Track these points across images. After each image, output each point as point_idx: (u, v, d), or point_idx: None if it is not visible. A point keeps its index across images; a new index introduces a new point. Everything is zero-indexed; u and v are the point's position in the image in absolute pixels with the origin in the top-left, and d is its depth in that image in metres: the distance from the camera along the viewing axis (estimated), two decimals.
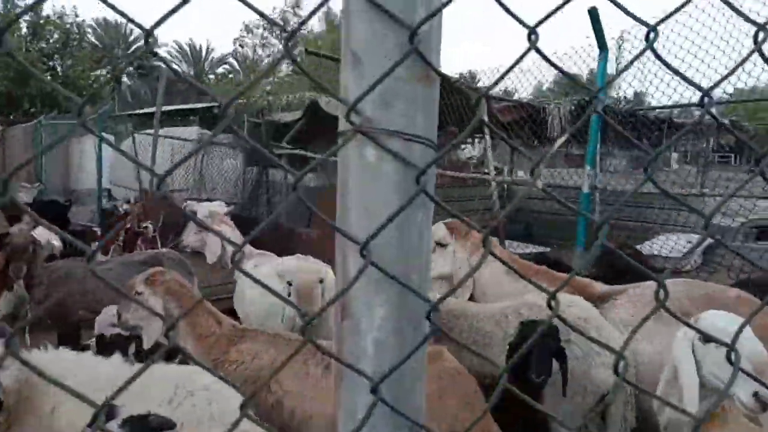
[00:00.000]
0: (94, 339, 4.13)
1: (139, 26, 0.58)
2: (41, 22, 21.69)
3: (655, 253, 7.76)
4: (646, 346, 3.50)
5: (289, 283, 3.57)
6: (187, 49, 38.44)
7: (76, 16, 26.10)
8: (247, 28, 19.89)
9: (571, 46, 6.64)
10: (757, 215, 6.61)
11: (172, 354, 4.17)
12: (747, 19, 0.78)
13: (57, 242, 5.80)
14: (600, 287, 3.91)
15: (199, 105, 18.49)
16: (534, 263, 4.29)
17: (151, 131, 12.71)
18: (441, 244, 4.11)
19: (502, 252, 4.29)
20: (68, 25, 23.71)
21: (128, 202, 10.68)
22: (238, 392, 1.69)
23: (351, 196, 0.61)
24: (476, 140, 16.59)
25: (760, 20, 0.74)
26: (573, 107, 10.12)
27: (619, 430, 3.39)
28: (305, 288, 3.47)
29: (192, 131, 14.39)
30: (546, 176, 11.15)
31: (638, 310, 3.60)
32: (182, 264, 5.29)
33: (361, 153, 0.60)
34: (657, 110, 9.82)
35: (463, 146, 19.18)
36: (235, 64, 37.98)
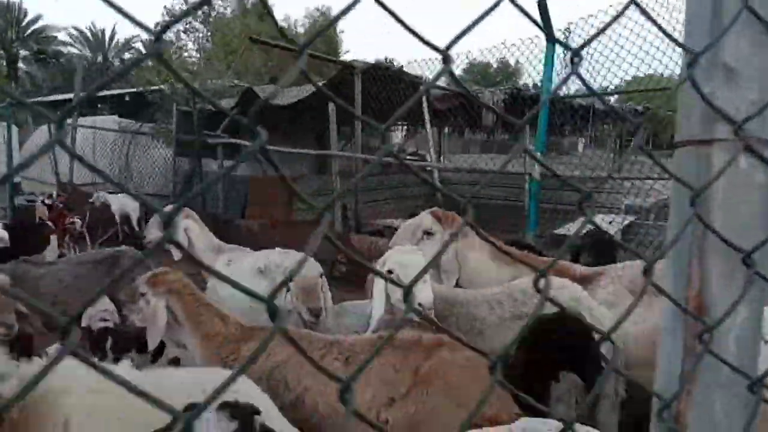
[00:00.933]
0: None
1: None
2: None
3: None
4: (628, 326, 3.72)
5: (289, 280, 3.51)
6: (88, 33, 36.09)
7: None
8: (169, 12, 18.90)
9: (519, 37, 6.87)
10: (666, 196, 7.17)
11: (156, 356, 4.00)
12: None
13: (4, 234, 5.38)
14: (580, 269, 4.10)
15: (111, 92, 17.46)
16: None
17: (67, 122, 11.93)
18: (429, 233, 4.16)
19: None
20: None
21: (50, 196, 9.95)
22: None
23: (716, 203, 0.63)
24: (402, 129, 16.77)
25: None
26: (506, 96, 10.45)
27: (611, 404, 3.60)
28: (308, 284, 3.43)
29: (108, 120, 13.60)
30: (482, 163, 11.47)
31: (620, 289, 3.82)
32: (142, 262, 5.03)
33: (734, 161, 0.62)
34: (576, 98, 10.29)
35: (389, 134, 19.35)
36: (142, 48, 36.14)
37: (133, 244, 5.91)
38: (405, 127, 16.85)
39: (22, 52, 32.92)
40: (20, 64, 32.88)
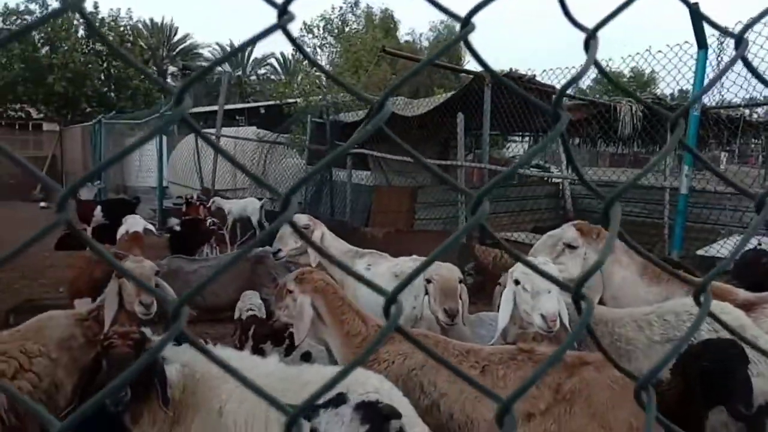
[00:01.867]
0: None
1: None
2: (97, 24, 22.21)
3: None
4: None
5: (428, 281, 3.54)
6: (228, 50, 38.83)
7: (130, 18, 26.71)
8: (308, 28, 19.87)
9: (666, 43, 6.45)
10: None
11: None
12: None
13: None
14: (743, 294, 3.74)
15: (250, 105, 18.68)
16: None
17: (211, 131, 12.87)
18: (571, 246, 3.99)
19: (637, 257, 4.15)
20: (122, 27, 24.20)
21: (190, 198, 10.73)
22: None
23: None
24: (522, 138, 16.31)
25: None
26: (645, 106, 9.85)
27: None
28: (447, 286, 3.44)
29: (249, 131, 14.49)
30: (613, 176, 10.87)
31: None
32: (283, 266, 5.29)
33: None
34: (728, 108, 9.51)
35: (506, 144, 18.91)
36: (275, 64, 38.39)
37: None
38: (530, 138, 16.45)
39: (171, 68, 36.11)
40: (168, 80, 36.20)
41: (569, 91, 10.69)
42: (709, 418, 3.10)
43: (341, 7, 22.39)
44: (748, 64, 0.66)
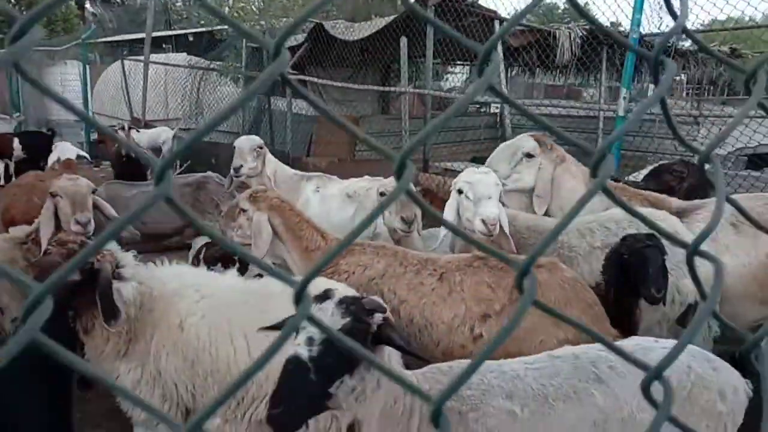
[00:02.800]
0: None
1: None
2: None
3: None
4: (728, 259, 3.58)
5: (382, 194, 3.57)
6: None
7: None
8: None
9: None
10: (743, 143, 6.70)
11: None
12: None
13: None
14: (676, 202, 3.96)
15: (177, 32, 17.68)
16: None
17: (140, 58, 12.17)
18: (529, 155, 4.10)
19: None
20: None
21: (122, 128, 10.21)
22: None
23: None
24: (462, 68, 16.29)
25: None
26: (584, 33, 9.99)
27: (702, 339, 3.52)
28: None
29: (179, 58, 13.78)
30: (543, 107, 11.08)
31: (722, 223, 3.67)
32: (225, 192, 5.19)
33: None
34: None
35: (445, 75, 18.84)
36: None
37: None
38: (468, 68, 16.40)
39: None
40: (87, 6, 33.57)
41: (508, 18, 10.62)
42: (644, 319, 3.34)
43: None
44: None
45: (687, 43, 11.70)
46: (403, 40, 8.25)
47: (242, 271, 4.20)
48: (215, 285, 2.76)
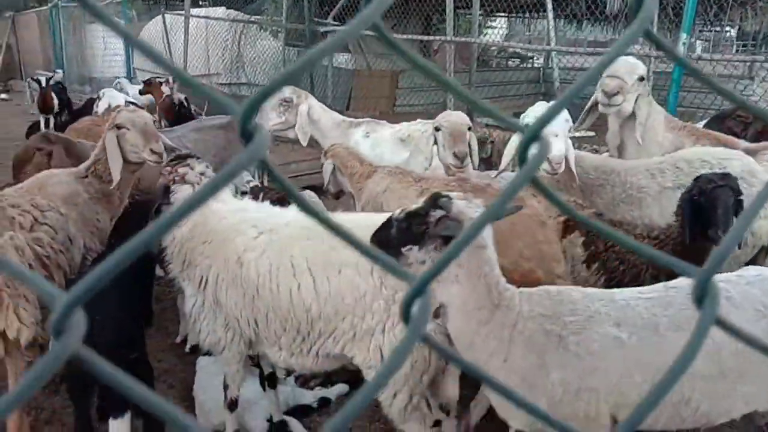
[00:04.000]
0: None
1: None
2: None
3: None
4: None
5: (437, 129, 3.55)
6: None
7: None
8: None
9: None
10: None
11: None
12: None
13: None
14: (743, 143, 3.82)
15: None
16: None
17: (180, 12, 12.14)
18: (641, 78, 3.92)
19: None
20: None
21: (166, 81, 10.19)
22: None
23: None
24: (497, 23, 15.78)
25: None
26: None
27: None
28: (457, 130, 3.51)
29: (218, 11, 13.70)
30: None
31: None
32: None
33: None
34: None
35: (484, 30, 18.34)
36: None
37: None
38: (507, 21, 15.89)
39: None
40: None
41: None
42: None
43: None
44: None
45: None
46: None
47: None
48: (275, 221, 2.75)
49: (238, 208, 2.91)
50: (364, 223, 2.35)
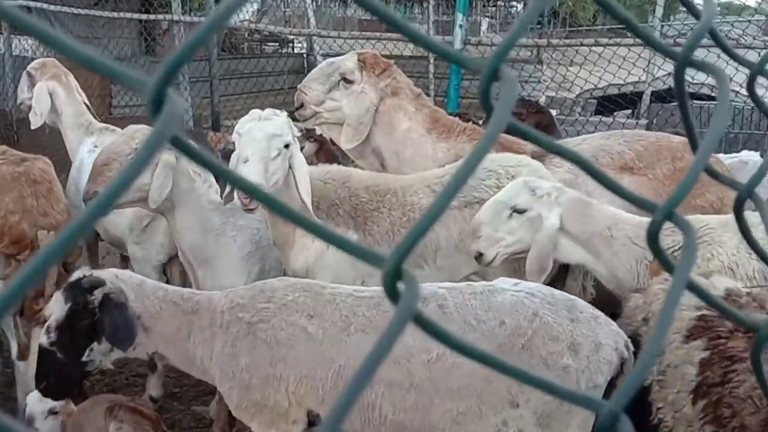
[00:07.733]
0: None
1: None
2: None
3: None
4: None
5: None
6: None
7: None
8: None
9: None
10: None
11: None
12: None
13: None
14: (528, 146, 3.37)
15: None
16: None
17: None
18: (347, 80, 3.22)
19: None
20: None
21: None
22: None
23: None
24: None
25: None
26: None
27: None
28: None
29: None
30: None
31: (577, 170, 3.12)
32: None
33: None
34: None
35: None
36: None
37: None
38: None
39: None
40: None
41: None
42: None
43: None
44: None
45: None
46: None
47: None
48: None
49: None
50: None
